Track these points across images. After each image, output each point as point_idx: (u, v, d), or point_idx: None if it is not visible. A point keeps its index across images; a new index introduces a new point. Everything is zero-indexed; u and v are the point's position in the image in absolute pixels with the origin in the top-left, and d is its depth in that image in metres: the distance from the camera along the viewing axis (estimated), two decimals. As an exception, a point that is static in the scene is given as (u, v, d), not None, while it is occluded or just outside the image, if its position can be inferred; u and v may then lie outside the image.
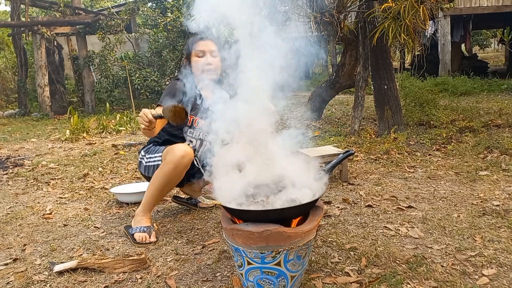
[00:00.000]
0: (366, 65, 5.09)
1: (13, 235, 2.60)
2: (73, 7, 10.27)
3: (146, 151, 2.62)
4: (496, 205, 2.64)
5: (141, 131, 2.03)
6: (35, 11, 14.45)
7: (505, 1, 10.84)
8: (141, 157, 2.63)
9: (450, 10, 8.34)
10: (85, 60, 10.29)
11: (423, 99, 5.94)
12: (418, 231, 2.31)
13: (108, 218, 2.83)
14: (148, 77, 9.64)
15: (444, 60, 11.21)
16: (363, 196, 2.97)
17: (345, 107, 7.88)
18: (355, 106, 5.21)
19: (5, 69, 12.62)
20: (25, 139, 6.46)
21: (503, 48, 18.65)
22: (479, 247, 2.07)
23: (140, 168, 2.64)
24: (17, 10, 9.98)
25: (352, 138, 4.85)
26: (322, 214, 1.79)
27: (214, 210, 2.88)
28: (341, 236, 2.30)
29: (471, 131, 4.71)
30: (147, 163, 2.56)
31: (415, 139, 4.68)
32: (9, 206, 3.20)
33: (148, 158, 2.57)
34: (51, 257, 2.23)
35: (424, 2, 4.03)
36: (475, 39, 21.48)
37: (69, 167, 4.37)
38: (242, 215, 1.73)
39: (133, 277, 1.97)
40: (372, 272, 1.89)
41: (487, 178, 3.20)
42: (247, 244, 1.63)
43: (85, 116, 8.84)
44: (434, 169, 3.54)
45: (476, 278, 1.80)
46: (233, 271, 1.96)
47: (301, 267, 1.71)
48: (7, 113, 10.11)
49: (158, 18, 10.15)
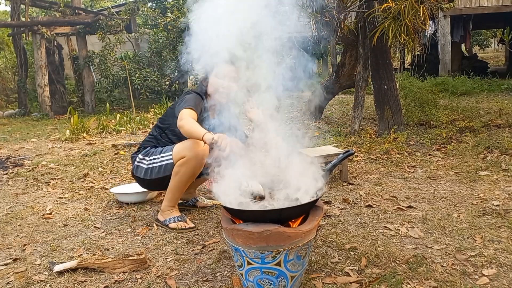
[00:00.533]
0: (366, 65, 5.09)
1: (13, 235, 2.60)
2: (73, 7, 10.27)
3: (144, 154, 2.63)
4: (496, 205, 2.64)
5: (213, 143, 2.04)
6: (35, 11, 14.45)
7: (505, 1, 10.83)
8: (139, 160, 2.63)
9: (450, 10, 8.34)
10: (85, 60, 10.29)
11: (423, 99, 5.94)
12: (418, 231, 2.31)
13: (108, 218, 2.83)
14: (148, 77, 9.64)
15: (444, 60, 11.21)
16: (363, 196, 2.97)
17: (345, 107, 7.88)
18: (355, 106, 5.21)
19: (5, 69, 12.62)
20: (25, 139, 6.46)
21: (503, 48, 18.65)
22: (479, 247, 2.07)
23: (138, 172, 2.63)
24: (17, 10, 9.97)
25: (352, 138, 4.85)
26: (322, 214, 1.79)
27: (214, 210, 2.88)
28: (341, 236, 2.30)
29: (471, 131, 4.71)
30: (150, 165, 2.57)
31: (415, 139, 4.68)
32: (9, 206, 3.20)
33: (150, 160, 2.57)
34: (51, 257, 2.23)
35: (424, 2, 4.03)
36: (475, 39, 21.47)
37: (69, 167, 4.37)
38: (242, 215, 1.73)
39: (133, 277, 1.97)
40: (372, 272, 1.89)
41: (487, 178, 3.20)
42: (247, 244, 1.63)
43: (85, 116, 8.83)
44: (434, 169, 3.54)
45: (476, 278, 1.80)
46: (233, 271, 1.96)
47: (301, 267, 1.71)
48: (7, 113, 10.10)
49: (158, 18, 10.15)
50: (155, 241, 2.40)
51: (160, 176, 2.55)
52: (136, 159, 2.66)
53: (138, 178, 2.66)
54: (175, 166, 2.48)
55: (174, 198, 2.60)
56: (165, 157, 2.53)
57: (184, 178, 2.51)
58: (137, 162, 2.64)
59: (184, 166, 2.45)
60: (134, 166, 2.66)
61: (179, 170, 2.47)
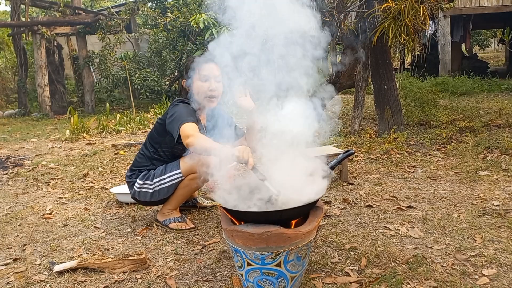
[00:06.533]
0: (366, 65, 5.09)
1: (13, 235, 2.60)
2: (73, 7, 10.27)
3: (144, 178, 2.52)
4: (496, 205, 2.64)
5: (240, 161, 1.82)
6: (35, 11, 14.46)
7: (505, 1, 10.83)
8: (140, 186, 2.53)
9: (450, 10, 8.34)
10: (85, 60, 10.29)
11: (423, 99, 5.95)
12: (418, 231, 2.31)
13: (108, 218, 2.83)
14: (148, 77, 9.64)
15: (444, 60, 11.21)
16: (363, 196, 2.97)
17: (345, 107, 7.88)
18: (355, 106, 5.21)
19: (5, 69, 12.62)
20: (25, 139, 6.46)
21: (503, 48, 18.65)
22: (479, 247, 2.07)
23: (142, 197, 2.54)
24: (17, 10, 9.97)
25: (352, 138, 4.85)
26: (322, 214, 1.79)
27: (214, 210, 2.88)
28: (341, 236, 2.30)
29: (471, 131, 4.71)
30: (156, 188, 2.49)
31: (415, 139, 4.68)
32: (9, 206, 3.20)
33: (155, 183, 2.49)
34: (51, 257, 2.23)
35: (424, 2, 4.03)
36: (475, 39, 21.47)
37: (69, 167, 4.37)
38: (242, 216, 1.73)
39: (133, 277, 1.97)
40: (372, 272, 1.89)
41: (487, 178, 3.20)
42: (247, 245, 1.63)
43: (85, 116, 8.84)
44: (434, 169, 3.54)
45: (476, 278, 1.80)
46: (233, 271, 1.96)
47: (301, 267, 1.71)
48: (7, 113, 10.10)
49: (158, 18, 10.16)
50: (155, 241, 2.40)
51: (169, 195, 2.52)
52: (135, 185, 2.55)
53: (142, 201, 2.59)
54: (185, 179, 2.46)
55: (177, 204, 2.59)
56: (172, 176, 2.46)
57: (192, 190, 2.57)
58: (138, 188, 2.54)
59: (194, 181, 2.44)
60: (135, 192, 2.55)
61: (189, 183, 2.47)
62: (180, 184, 2.47)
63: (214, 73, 2.39)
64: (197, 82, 2.40)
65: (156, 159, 2.55)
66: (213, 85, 2.39)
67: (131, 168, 2.63)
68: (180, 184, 2.48)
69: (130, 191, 2.63)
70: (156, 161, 2.55)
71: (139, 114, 8.17)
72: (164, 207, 2.60)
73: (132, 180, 2.59)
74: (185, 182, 2.47)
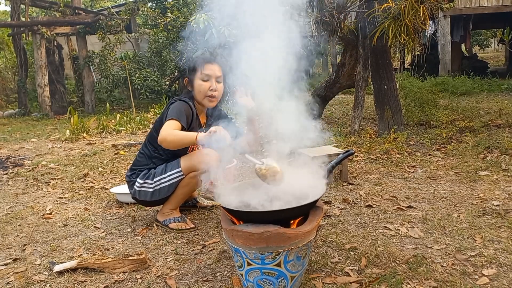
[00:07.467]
0: (366, 65, 5.09)
1: (13, 235, 2.60)
2: (73, 7, 10.27)
3: (144, 177, 2.52)
4: (496, 205, 2.64)
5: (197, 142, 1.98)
6: (35, 11, 14.46)
7: (505, 1, 10.84)
8: (140, 185, 2.53)
9: (450, 10, 8.34)
10: (85, 60, 10.29)
11: (423, 99, 5.94)
12: (418, 231, 2.31)
13: (108, 218, 2.83)
14: (148, 77, 9.64)
15: (444, 60, 11.21)
16: (363, 196, 2.97)
17: (345, 107, 7.88)
18: (355, 106, 5.21)
19: (5, 69, 12.61)
20: (25, 139, 6.46)
21: (503, 48, 18.65)
22: (479, 247, 2.08)
23: (142, 196, 2.54)
24: (17, 10, 9.97)
25: (352, 138, 4.85)
26: (322, 214, 1.79)
27: (214, 210, 2.88)
28: (341, 236, 2.30)
29: (471, 131, 4.71)
30: (157, 187, 2.49)
31: (415, 139, 4.68)
32: (9, 206, 3.20)
33: (155, 182, 2.49)
34: (51, 257, 2.23)
35: (424, 2, 4.03)
36: (475, 39, 21.46)
37: (69, 167, 4.37)
38: (242, 216, 1.73)
39: (133, 277, 1.97)
40: (372, 272, 1.89)
41: (487, 178, 3.20)
42: (247, 245, 1.63)
43: (85, 116, 8.83)
44: (434, 169, 3.54)
45: (476, 278, 1.80)
46: (233, 271, 1.96)
47: (301, 267, 1.71)
48: (7, 113, 10.09)
49: (158, 18, 10.16)
50: (155, 241, 2.40)
51: (169, 194, 2.51)
52: (135, 184, 2.55)
53: (143, 201, 2.59)
54: (186, 178, 2.45)
55: (177, 203, 2.59)
56: (173, 175, 2.46)
57: (193, 188, 2.56)
58: (138, 187, 2.54)
59: (195, 178, 2.44)
60: (135, 191, 2.55)
61: (190, 182, 2.46)
62: (181, 182, 2.47)
63: (216, 73, 2.41)
64: (199, 81, 2.42)
65: (156, 157, 2.55)
66: (214, 85, 2.40)
67: (131, 168, 2.64)
68: (181, 183, 2.47)
69: (130, 191, 2.62)
70: (156, 160, 2.55)
71: (139, 114, 8.18)
72: (164, 207, 2.60)
73: (132, 179, 2.59)
74: (185, 180, 2.46)
